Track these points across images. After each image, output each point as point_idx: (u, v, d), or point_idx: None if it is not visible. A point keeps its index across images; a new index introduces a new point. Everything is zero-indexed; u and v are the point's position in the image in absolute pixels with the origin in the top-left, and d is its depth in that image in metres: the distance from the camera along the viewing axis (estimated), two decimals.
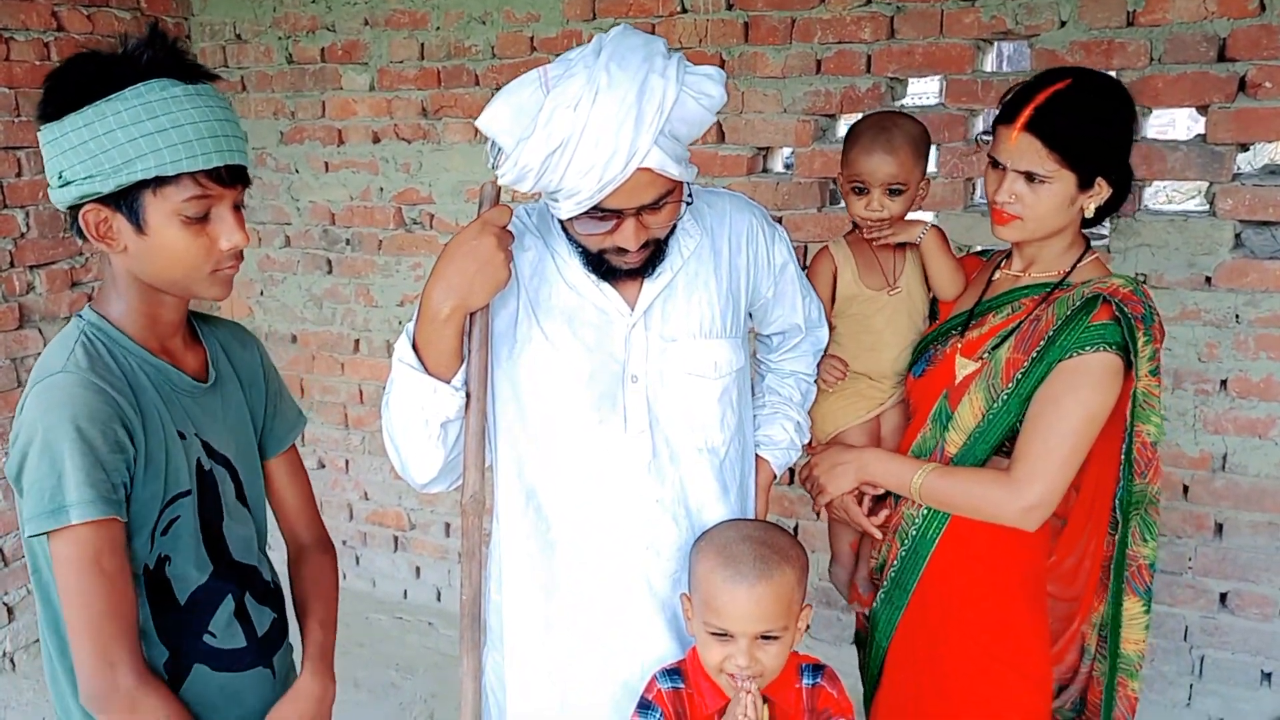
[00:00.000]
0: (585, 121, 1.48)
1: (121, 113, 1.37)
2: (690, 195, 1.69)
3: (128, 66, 1.40)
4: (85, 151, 1.38)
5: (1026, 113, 1.85)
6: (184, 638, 1.55)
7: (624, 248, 1.63)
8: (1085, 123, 1.86)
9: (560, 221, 1.70)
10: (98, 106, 1.37)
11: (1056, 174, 1.86)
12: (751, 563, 1.61)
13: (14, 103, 3.78)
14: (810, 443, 2.20)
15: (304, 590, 1.81)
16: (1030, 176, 1.87)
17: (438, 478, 1.73)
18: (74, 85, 1.40)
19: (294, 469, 1.84)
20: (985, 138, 1.99)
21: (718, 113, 1.60)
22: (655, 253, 1.70)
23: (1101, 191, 1.91)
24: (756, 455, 1.99)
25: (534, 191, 1.61)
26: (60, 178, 1.42)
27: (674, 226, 1.71)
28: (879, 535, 2.17)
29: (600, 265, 1.69)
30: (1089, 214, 1.95)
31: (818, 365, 2.15)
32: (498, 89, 1.75)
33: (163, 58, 1.42)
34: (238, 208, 1.50)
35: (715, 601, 1.62)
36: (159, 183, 1.40)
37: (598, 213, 1.59)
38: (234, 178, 1.47)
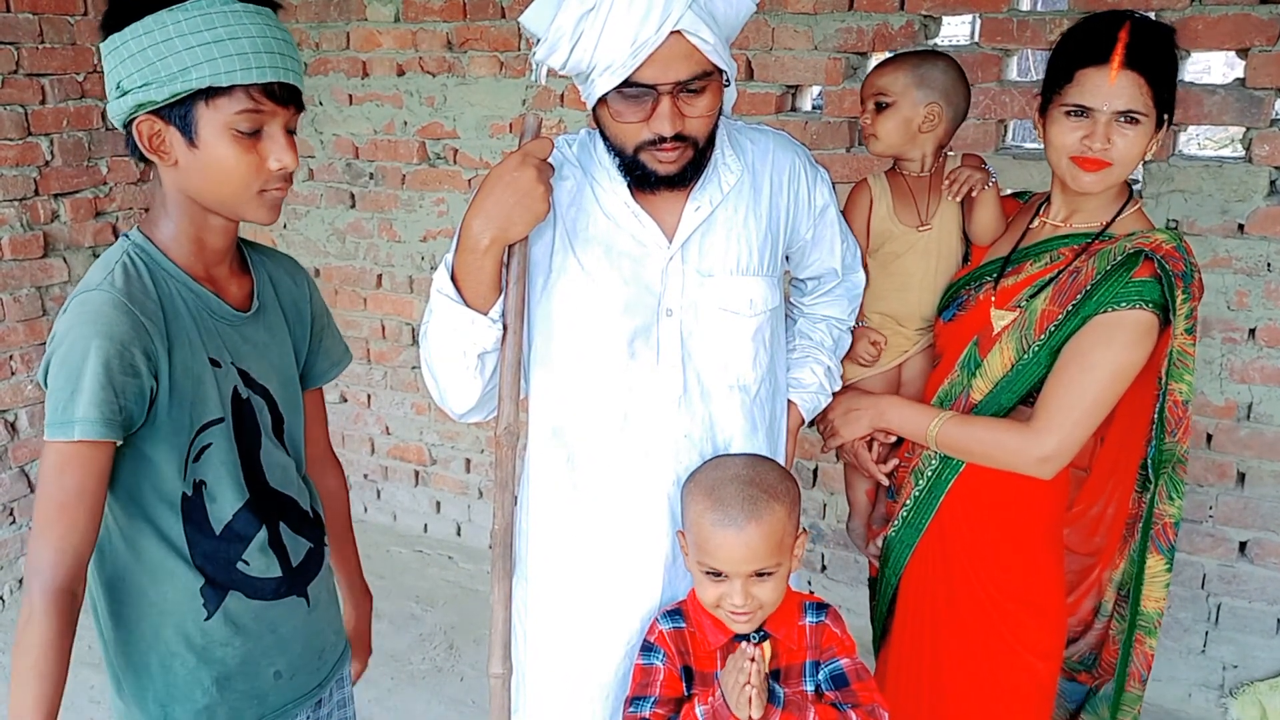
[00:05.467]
0: None
1: (181, 22, 1.39)
2: (728, 80, 1.67)
3: None
4: (143, 59, 1.40)
5: (1121, 48, 1.78)
6: (219, 565, 1.58)
7: (661, 134, 1.60)
8: (1168, 57, 1.82)
9: (601, 133, 1.69)
10: (158, 16, 1.39)
11: (1149, 113, 1.81)
12: (740, 505, 1.62)
13: (38, 29, 3.76)
14: None
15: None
16: (1126, 117, 1.80)
17: (476, 407, 1.75)
18: None
19: (319, 408, 1.87)
20: (1038, 97, 1.92)
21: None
22: (694, 164, 1.68)
23: (1163, 132, 1.87)
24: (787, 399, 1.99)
25: (566, 71, 1.61)
26: (118, 88, 1.43)
27: (713, 136, 1.69)
28: (886, 483, 2.18)
29: (636, 170, 1.67)
30: (1148, 158, 1.92)
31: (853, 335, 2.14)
32: None
33: None
34: (290, 132, 1.50)
35: (707, 544, 1.63)
36: (212, 94, 1.41)
37: (632, 90, 1.58)
38: (287, 97, 1.48)
